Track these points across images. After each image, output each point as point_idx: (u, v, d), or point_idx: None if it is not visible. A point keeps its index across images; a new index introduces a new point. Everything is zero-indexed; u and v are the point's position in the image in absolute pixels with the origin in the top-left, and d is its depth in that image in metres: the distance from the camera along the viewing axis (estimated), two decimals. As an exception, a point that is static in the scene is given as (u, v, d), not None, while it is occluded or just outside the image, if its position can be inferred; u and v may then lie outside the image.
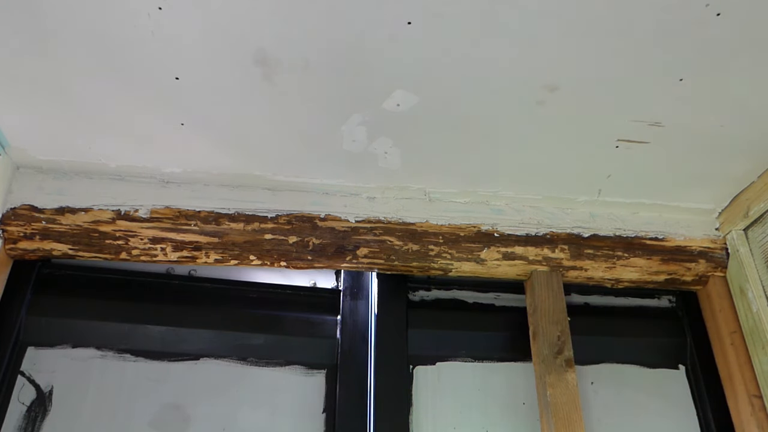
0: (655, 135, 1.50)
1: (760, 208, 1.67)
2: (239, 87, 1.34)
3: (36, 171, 1.64)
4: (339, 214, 1.70)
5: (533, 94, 1.36)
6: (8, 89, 1.35)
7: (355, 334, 1.69)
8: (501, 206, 1.79)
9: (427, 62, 1.27)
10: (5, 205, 1.57)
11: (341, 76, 1.31)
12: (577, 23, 1.17)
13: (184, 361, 1.62)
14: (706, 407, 1.75)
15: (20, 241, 1.56)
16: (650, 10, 1.15)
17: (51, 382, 1.54)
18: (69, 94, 1.36)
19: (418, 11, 1.15)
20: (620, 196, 1.77)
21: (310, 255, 1.66)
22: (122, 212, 1.61)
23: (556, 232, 1.78)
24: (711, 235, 1.84)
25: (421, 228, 1.72)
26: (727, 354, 1.72)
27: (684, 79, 1.32)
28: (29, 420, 1.49)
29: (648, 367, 1.81)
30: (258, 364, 1.65)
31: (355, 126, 1.47)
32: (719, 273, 1.81)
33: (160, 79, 1.32)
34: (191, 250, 1.62)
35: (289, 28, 1.19)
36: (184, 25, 1.18)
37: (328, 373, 1.67)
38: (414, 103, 1.39)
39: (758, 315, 1.64)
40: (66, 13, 1.15)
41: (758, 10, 1.15)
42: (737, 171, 1.66)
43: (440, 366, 1.71)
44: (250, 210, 1.67)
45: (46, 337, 1.58)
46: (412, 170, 1.65)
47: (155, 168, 1.63)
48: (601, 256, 1.77)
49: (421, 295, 1.82)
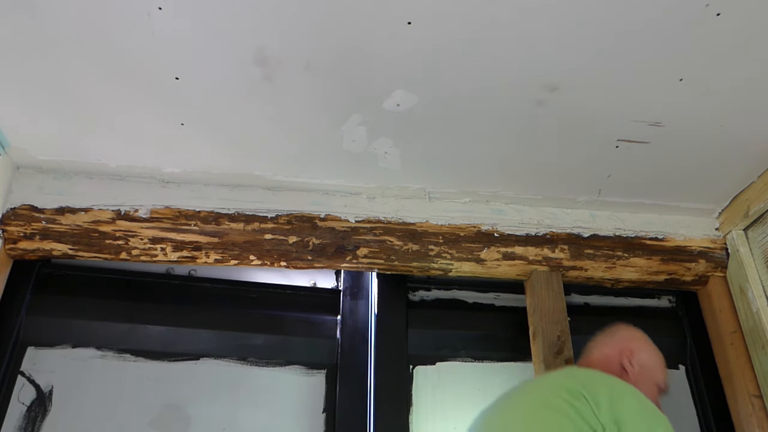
0: (655, 135, 1.50)
1: (760, 208, 1.67)
2: (239, 87, 1.34)
3: (36, 171, 1.64)
4: (339, 214, 1.70)
5: (533, 94, 1.36)
6: (8, 89, 1.35)
7: (355, 334, 1.69)
8: (501, 206, 1.79)
9: (427, 62, 1.27)
10: (5, 205, 1.57)
11: (341, 76, 1.31)
12: (577, 23, 1.17)
13: (184, 361, 1.62)
14: (706, 407, 1.75)
15: (20, 241, 1.56)
16: (650, 11, 1.15)
17: (51, 382, 1.54)
18: (69, 94, 1.36)
19: (418, 11, 1.15)
20: (620, 196, 1.77)
21: (310, 255, 1.66)
22: (122, 212, 1.61)
23: (556, 232, 1.78)
24: (711, 235, 1.84)
25: (421, 228, 1.72)
26: (727, 354, 1.72)
27: (684, 79, 1.32)
28: (29, 420, 1.49)
29: (648, 367, 1.81)
30: (258, 364, 1.65)
31: (355, 126, 1.47)
32: (719, 273, 1.81)
33: (160, 79, 1.32)
34: (191, 250, 1.62)
35: (289, 28, 1.19)
36: (184, 25, 1.18)
37: (328, 373, 1.67)
38: (414, 103, 1.39)
39: (758, 315, 1.64)
40: (66, 13, 1.15)
41: (758, 10, 1.15)
42: (737, 171, 1.66)
43: (440, 366, 1.71)
44: (250, 210, 1.67)
45: (46, 337, 1.58)
46: (412, 170, 1.65)
47: (155, 168, 1.63)
48: (601, 256, 1.77)
49: (421, 295, 1.82)
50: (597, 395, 1.07)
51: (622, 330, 1.38)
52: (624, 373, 1.26)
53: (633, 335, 1.36)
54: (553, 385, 1.15)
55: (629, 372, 1.26)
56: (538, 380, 1.33)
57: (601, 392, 1.07)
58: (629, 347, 1.30)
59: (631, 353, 1.28)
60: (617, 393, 1.08)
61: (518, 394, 1.24)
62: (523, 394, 1.22)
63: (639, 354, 1.29)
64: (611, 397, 1.07)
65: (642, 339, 1.35)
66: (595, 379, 1.13)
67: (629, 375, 1.25)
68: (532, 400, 1.16)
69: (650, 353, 1.32)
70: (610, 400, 1.06)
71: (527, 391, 1.23)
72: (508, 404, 1.24)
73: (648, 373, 1.28)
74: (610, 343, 1.33)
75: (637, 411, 1.07)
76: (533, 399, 1.16)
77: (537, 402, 1.14)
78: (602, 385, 1.10)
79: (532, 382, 1.28)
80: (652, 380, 1.28)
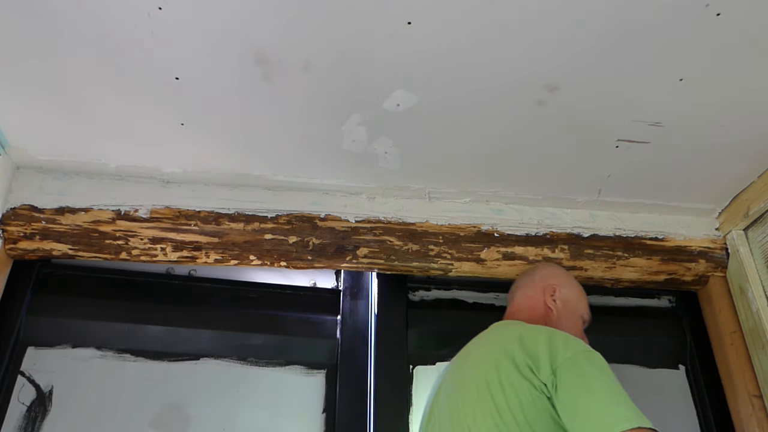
0: (655, 135, 1.50)
1: (760, 208, 1.67)
2: (239, 87, 1.34)
3: (36, 171, 1.64)
4: (339, 214, 1.70)
5: (533, 94, 1.36)
6: (8, 89, 1.35)
7: (355, 334, 1.69)
8: (501, 206, 1.79)
9: (427, 62, 1.27)
10: (5, 205, 1.57)
11: (341, 76, 1.31)
12: (577, 23, 1.17)
13: (184, 361, 1.62)
14: (706, 407, 1.75)
15: (20, 241, 1.56)
16: (650, 10, 1.15)
17: (51, 382, 1.54)
18: (69, 94, 1.36)
19: (418, 11, 1.15)
20: (620, 196, 1.77)
21: (310, 255, 1.66)
22: (122, 212, 1.61)
23: (556, 232, 1.78)
24: (711, 235, 1.84)
25: (421, 228, 1.72)
26: (727, 354, 1.72)
27: (684, 79, 1.32)
28: (29, 420, 1.49)
29: (648, 367, 1.81)
30: (258, 364, 1.65)
31: (355, 126, 1.47)
32: (719, 273, 1.81)
33: (160, 79, 1.32)
34: (191, 250, 1.62)
35: (289, 27, 1.19)
36: (184, 25, 1.18)
37: (328, 373, 1.67)
38: (414, 103, 1.39)
39: (758, 315, 1.64)
40: (66, 13, 1.15)
41: (758, 10, 1.15)
42: (737, 171, 1.66)
43: (440, 366, 1.71)
44: (250, 210, 1.67)
45: (46, 337, 1.58)
46: (412, 170, 1.65)
47: (155, 168, 1.63)
48: (601, 256, 1.76)
49: (421, 295, 1.82)
50: (537, 356, 1.08)
51: (541, 269, 1.38)
52: (549, 311, 1.27)
53: (552, 272, 1.36)
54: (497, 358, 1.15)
55: (553, 309, 1.27)
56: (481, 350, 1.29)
57: (540, 349, 1.09)
58: (551, 285, 1.31)
59: (554, 291, 1.30)
60: (554, 346, 1.09)
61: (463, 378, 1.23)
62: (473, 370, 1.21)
63: (560, 290, 1.30)
64: (550, 352, 1.08)
65: (561, 275, 1.36)
66: (534, 337, 1.14)
67: (554, 312, 1.27)
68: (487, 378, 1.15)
69: (571, 288, 1.34)
70: (549, 354, 1.08)
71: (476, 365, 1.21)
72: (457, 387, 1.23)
73: (571, 306, 1.30)
74: (531, 284, 1.34)
75: (570, 357, 1.08)
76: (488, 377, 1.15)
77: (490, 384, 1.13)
78: (542, 344, 1.11)
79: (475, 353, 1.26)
80: (576, 313, 1.30)
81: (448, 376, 1.32)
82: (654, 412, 1.82)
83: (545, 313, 1.27)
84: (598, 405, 1.02)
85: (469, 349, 1.31)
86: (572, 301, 1.31)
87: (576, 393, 1.04)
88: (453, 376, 1.28)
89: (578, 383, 1.04)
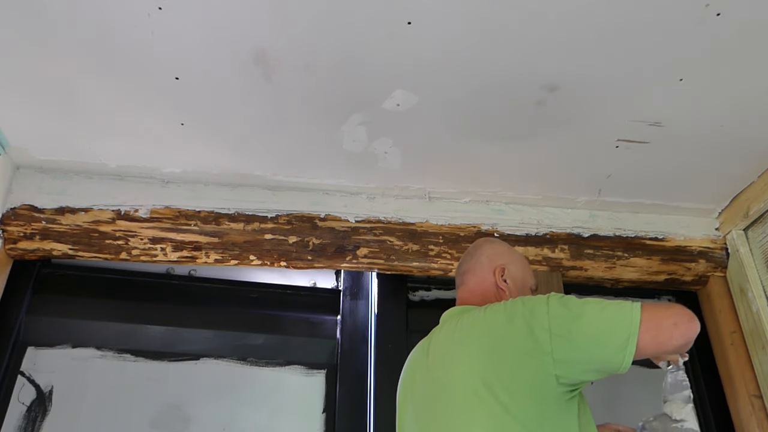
0: (655, 135, 1.50)
1: (760, 208, 1.67)
2: (239, 87, 1.34)
3: (36, 171, 1.64)
4: (339, 214, 1.70)
5: (533, 94, 1.36)
6: (8, 89, 1.35)
7: (355, 334, 1.69)
8: (501, 206, 1.79)
9: (427, 62, 1.27)
10: (5, 205, 1.57)
11: (341, 76, 1.31)
12: (577, 23, 1.17)
13: (184, 361, 1.62)
14: (706, 407, 1.75)
15: (20, 241, 1.56)
16: (650, 10, 1.15)
17: (51, 382, 1.54)
18: (69, 94, 1.36)
19: (418, 11, 1.15)
20: (620, 196, 1.77)
21: (310, 255, 1.66)
22: (122, 212, 1.61)
23: (556, 232, 1.78)
24: (711, 235, 1.84)
25: (421, 228, 1.72)
26: (727, 354, 1.72)
27: (684, 79, 1.32)
28: (29, 420, 1.49)
29: (648, 366, 1.80)
30: (258, 364, 1.65)
31: (355, 126, 1.47)
32: (719, 273, 1.81)
33: (160, 79, 1.32)
34: (191, 250, 1.62)
35: (289, 28, 1.19)
36: (184, 25, 1.18)
37: (328, 373, 1.67)
38: (414, 103, 1.39)
39: (758, 315, 1.64)
40: (66, 13, 1.15)
41: (758, 10, 1.15)
42: (737, 171, 1.66)
43: (440, 366, 1.71)
44: (250, 210, 1.67)
45: (46, 337, 1.58)
46: (412, 170, 1.65)
47: (155, 168, 1.63)
48: (601, 256, 1.77)
49: (421, 295, 1.81)
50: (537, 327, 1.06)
51: (484, 247, 1.34)
52: (502, 293, 1.26)
53: (496, 251, 1.33)
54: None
55: (506, 290, 1.26)
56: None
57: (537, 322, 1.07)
58: (499, 265, 1.29)
59: (503, 271, 1.28)
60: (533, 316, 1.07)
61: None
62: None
63: (509, 269, 1.28)
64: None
65: (505, 252, 1.33)
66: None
67: (506, 293, 1.26)
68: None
69: (516, 263, 1.32)
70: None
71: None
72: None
73: (520, 282, 1.29)
74: (480, 267, 1.31)
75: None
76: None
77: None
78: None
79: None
80: (525, 288, 1.30)
81: (416, 382, 1.22)
82: (654, 412, 1.82)
83: (498, 294, 1.26)
84: (604, 311, 1.03)
85: (434, 348, 1.23)
86: (520, 277, 1.30)
87: (580, 320, 1.03)
88: (423, 383, 1.19)
89: (575, 314, 1.04)
